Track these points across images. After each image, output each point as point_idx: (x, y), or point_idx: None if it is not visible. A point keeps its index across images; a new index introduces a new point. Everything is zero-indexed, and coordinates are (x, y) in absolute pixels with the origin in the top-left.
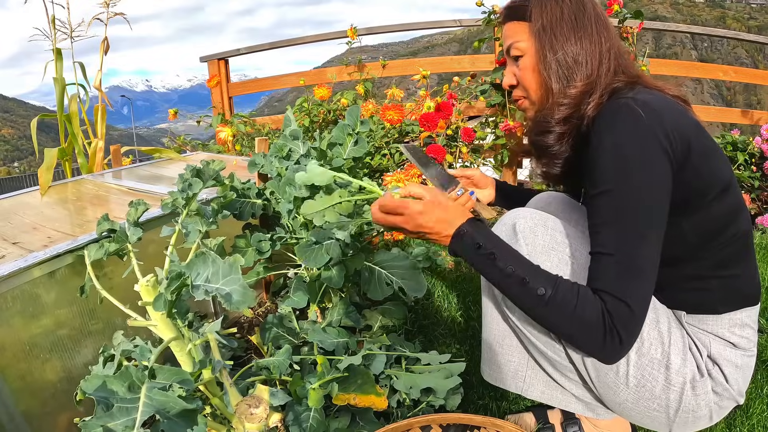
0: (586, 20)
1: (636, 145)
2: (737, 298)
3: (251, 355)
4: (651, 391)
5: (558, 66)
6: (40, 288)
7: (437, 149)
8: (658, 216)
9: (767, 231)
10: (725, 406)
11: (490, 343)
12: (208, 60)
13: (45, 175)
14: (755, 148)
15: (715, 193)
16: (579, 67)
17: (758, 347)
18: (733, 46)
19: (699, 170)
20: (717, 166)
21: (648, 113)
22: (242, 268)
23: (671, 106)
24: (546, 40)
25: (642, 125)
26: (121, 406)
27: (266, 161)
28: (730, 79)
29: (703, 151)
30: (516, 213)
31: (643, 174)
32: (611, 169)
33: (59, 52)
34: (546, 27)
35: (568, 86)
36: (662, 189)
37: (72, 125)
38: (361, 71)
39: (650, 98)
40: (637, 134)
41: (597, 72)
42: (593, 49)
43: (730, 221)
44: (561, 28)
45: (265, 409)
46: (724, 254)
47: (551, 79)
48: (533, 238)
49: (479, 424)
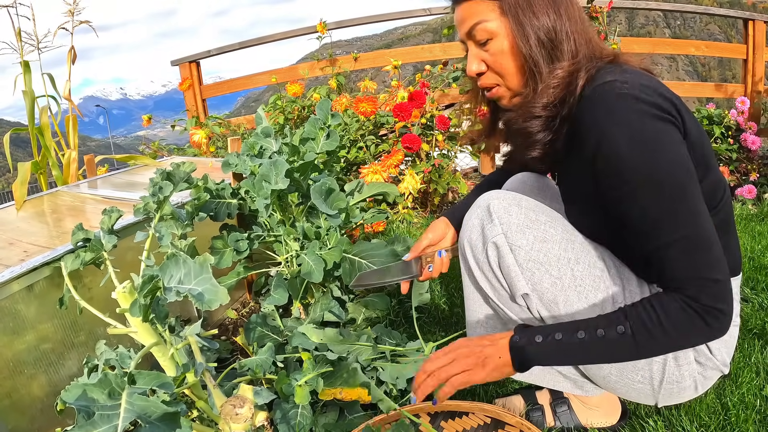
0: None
1: (647, 128)
2: None
3: (237, 356)
4: (634, 364)
5: (541, 46)
6: (20, 303)
7: (413, 139)
8: (694, 185)
9: (747, 202)
10: (710, 376)
11: (473, 326)
12: (179, 63)
13: (19, 190)
14: (731, 121)
15: (704, 165)
16: (562, 45)
17: (745, 317)
18: (706, 23)
19: (693, 142)
20: (699, 143)
21: (643, 91)
22: (222, 268)
23: (658, 81)
24: (525, 18)
25: (643, 106)
26: (103, 414)
27: (240, 160)
28: (702, 53)
29: (691, 123)
30: (489, 195)
31: (666, 153)
32: (634, 161)
33: (27, 65)
34: (521, 2)
35: (554, 67)
36: (687, 159)
37: (44, 138)
38: (333, 65)
39: (635, 77)
40: (642, 116)
41: (580, 49)
42: (574, 24)
43: (716, 194)
44: (538, 2)
45: (250, 408)
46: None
47: (536, 60)
48: (508, 218)
49: (467, 409)
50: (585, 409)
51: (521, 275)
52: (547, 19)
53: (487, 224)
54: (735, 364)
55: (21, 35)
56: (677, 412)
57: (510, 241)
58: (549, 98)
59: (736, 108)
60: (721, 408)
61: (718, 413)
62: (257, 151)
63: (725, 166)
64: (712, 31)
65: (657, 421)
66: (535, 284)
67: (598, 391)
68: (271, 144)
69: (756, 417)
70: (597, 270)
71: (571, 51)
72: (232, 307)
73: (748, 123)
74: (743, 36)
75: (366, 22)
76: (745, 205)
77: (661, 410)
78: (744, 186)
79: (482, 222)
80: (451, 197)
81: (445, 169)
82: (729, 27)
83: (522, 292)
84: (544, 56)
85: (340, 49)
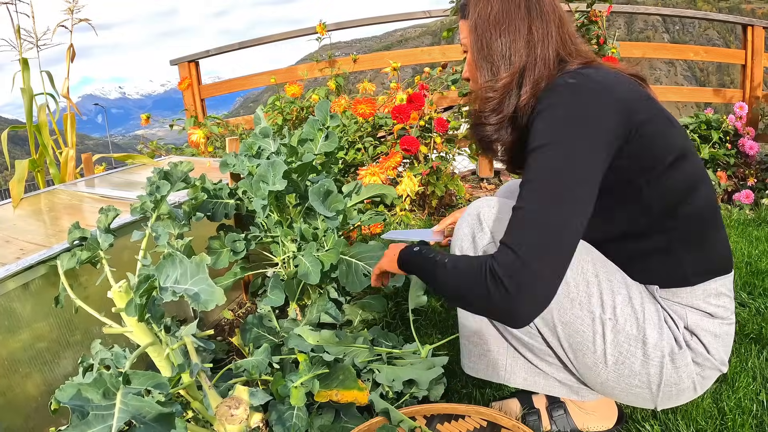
0: (515, 14)
1: (573, 106)
2: (709, 268)
3: (233, 357)
4: (630, 368)
5: (484, 60)
6: (15, 301)
7: (411, 141)
8: (584, 173)
9: (744, 207)
10: (708, 376)
11: (467, 336)
12: (178, 63)
13: (17, 188)
14: (729, 126)
15: (671, 160)
16: (504, 61)
17: (741, 321)
18: (705, 28)
19: (652, 138)
20: (670, 134)
21: (587, 83)
22: (219, 269)
23: (619, 78)
24: (476, 36)
25: (581, 92)
26: (97, 414)
27: (238, 161)
28: (701, 58)
29: (655, 120)
30: (480, 203)
31: (575, 130)
32: (544, 128)
33: (26, 62)
34: (477, 23)
35: (494, 80)
36: (595, 151)
37: (42, 135)
38: (332, 67)
39: (593, 72)
40: (574, 98)
41: (524, 63)
42: (519, 43)
43: (692, 190)
44: (488, 24)
45: (245, 409)
46: (692, 225)
47: (480, 72)
48: (498, 225)
49: (463, 412)
50: (581, 414)
51: None
52: (491, 38)
53: (478, 232)
54: (732, 368)
55: (20, 32)
56: (674, 416)
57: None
58: (489, 105)
59: (735, 113)
60: (718, 413)
61: (714, 418)
62: (255, 152)
63: (723, 171)
64: (710, 36)
65: (654, 426)
66: None
67: (594, 396)
68: (269, 144)
69: (752, 422)
70: (590, 276)
71: (513, 64)
72: (229, 307)
73: (746, 128)
74: (742, 41)
75: (365, 24)
76: (742, 210)
77: (657, 414)
78: (741, 191)
79: (473, 230)
80: (449, 200)
81: (443, 172)
82: (728, 32)
83: None
84: (488, 69)
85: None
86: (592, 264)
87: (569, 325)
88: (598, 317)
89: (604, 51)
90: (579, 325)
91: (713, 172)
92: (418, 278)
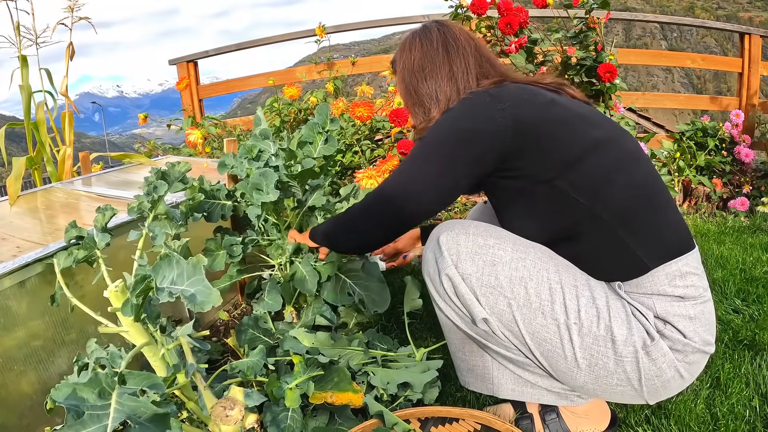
0: (435, 57)
1: (458, 109)
2: (662, 249)
3: (228, 358)
4: (605, 368)
5: (415, 105)
6: (11, 299)
7: (408, 144)
8: (452, 151)
9: (740, 214)
10: (694, 361)
11: (454, 352)
12: (176, 63)
13: (13, 185)
14: (725, 134)
15: (580, 152)
16: (433, 101)
17: (735, 327)
18: (702, 36)
19: (553, 135)
20: (578, 129)
21: (477, 94)
22: (215, 271)
23: (520, 88)
24: (404, 86)
25: (467, 102)
26: (92, 413)
27: (236, 162)
28: (698, 66)
29: (557, 120)
30: (440, 228)
31: (451, 119)
32: (439, 123)
33: (25, 59)
34: (404, 74)
35: (428, 119)
36: (473, 137)
37: (39, 133)
38: (330, 69)
39: (490, 85)
40: (462, 106)
41: (449, 96)
42: (442, 82)
43: (614, 174)
44: (413, 73)
45: (240, 410)
46: (624, 207)
47: (414, 117)
48: (456, 248)
49: (457, 416)
50: (574, 417)
51: (476, 301)
52: (426, 83)
53: (439, 257)
54: (725, 374)
55: (20, 29)
56: (666, 420)
57: (460, 270)
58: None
59: (731, 121)
60: (711, 418)
61: (707, 423)
62: (255, 154)
63: (718, 178)
64: (708, 44)
65: (646, 430)
66: (491, 308)
67: (584, 401)
68: (269, 146)
69: (745, 428)
70: (552, 282)
71: (442, 102)
72: (224, 308)
73: (742, 136)
74: (739, 50)
75: (364, 27)
76: (737, 218)
77: (650, 419)
78: (737, 198)
79: (435, 255)
80: None
81: None
82: (725, 40)
83: (481, 317)
84: (421, 112)
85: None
86: (555, 270)
87: (536, 335)
88: (563, 323)
89: (602, 58)
90: (545, 334)
91: (709, 179)
92: (410, 281)
